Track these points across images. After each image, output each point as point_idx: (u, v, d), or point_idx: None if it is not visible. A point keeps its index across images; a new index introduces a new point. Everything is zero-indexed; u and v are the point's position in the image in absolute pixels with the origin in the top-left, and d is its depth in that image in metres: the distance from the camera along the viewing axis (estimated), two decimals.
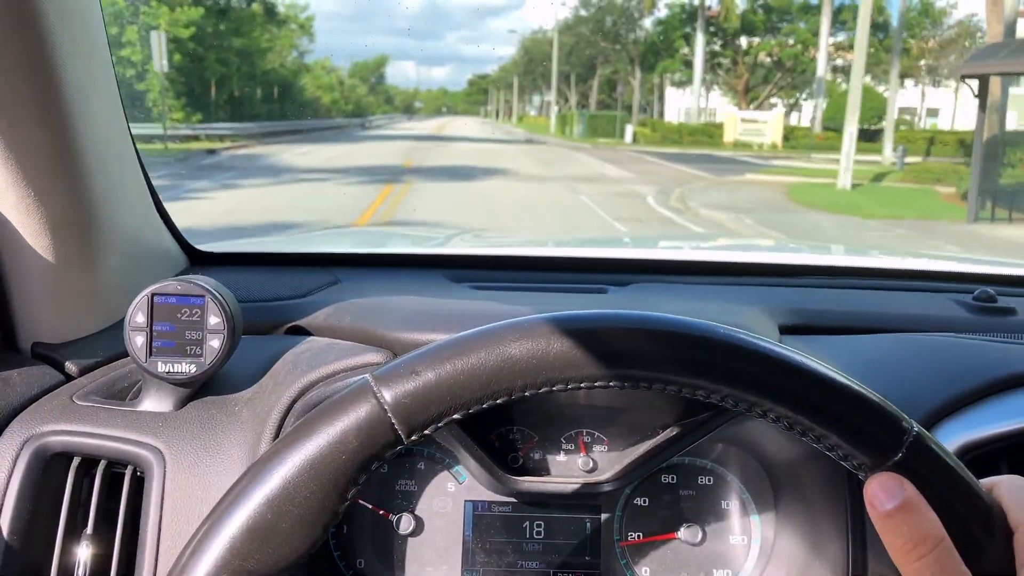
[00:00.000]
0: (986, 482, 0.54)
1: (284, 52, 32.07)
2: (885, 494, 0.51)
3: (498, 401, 0.52)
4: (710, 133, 30.80)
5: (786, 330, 1.03)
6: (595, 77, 45.39)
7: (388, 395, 0.51)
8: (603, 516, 0.90)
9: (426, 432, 0.52)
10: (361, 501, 0.90)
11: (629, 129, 32.11)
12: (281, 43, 31.42)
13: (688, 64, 37.30)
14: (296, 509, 0.50)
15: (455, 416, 0.52)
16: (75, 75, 0.80)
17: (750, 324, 0.98)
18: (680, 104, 44.54)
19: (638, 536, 0.90)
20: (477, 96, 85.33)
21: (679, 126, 32.98)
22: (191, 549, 0.50)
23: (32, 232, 0.85)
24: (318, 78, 38.20)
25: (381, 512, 0.90)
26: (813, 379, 0.52)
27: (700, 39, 34.06)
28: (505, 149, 24.50)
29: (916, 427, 0.52)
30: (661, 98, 44.87)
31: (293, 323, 1.03)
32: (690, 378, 0.52)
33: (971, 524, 0.51)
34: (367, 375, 0.53)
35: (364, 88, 56.43)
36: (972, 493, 0.52)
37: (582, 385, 0.52)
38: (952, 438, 0.81)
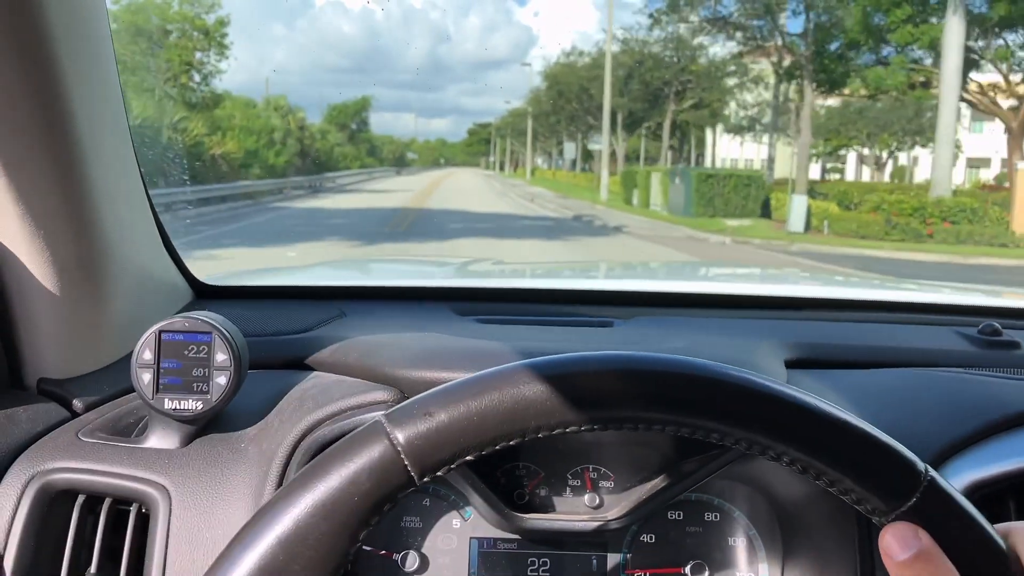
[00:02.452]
0: (1001, 528, 0.54)
1: (172, 68, 20.96)
2: (900, 544, 0.51)
3: (511, 443, 0.52)
4: (996, 216, 14.29)
5: (792, 364, 1.03)
6: (666, 115, 28.46)
7: (401, 436, 0.51)
8: (610, 554, 0.90)
9: (439, 474, 0.52)
10: (366, 547, 0.89)
11: (800, 204, 15.51)
12: (169, 54, 20.87)
13: (918, 84, 19.72)
14: (308, 551, 0.50)
15: (468, 457, 0.52)
16: (84, 111, 0.81)
17: (756, 359, 0.98)
18: (730, 156, 32.72)
19: (645, 574, 0.89)
20: (478, 147, 79.83)
21: (911, 196, 15.53)
22: None
23: (39, 268, 0.86)
24: (257, 118, 25.50)
25: (385, 553, 0.89)
26: (828, 423, 0.52)
27: (955, 26, 15.87)
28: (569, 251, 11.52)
29: (930, 471, 0.52)
30: (700, 147, 30.82)
31: (299, 358, 1.02)
32: (705, 422, 0.53)
33: (986, 571, 0.51)
34: (380, 416, 0.53)
35: (340, 135, 44.44)
36: (987, 539, 0.52)
37: (595, 427, 0.52)
38: (960, 476, 0.81)
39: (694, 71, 26.73)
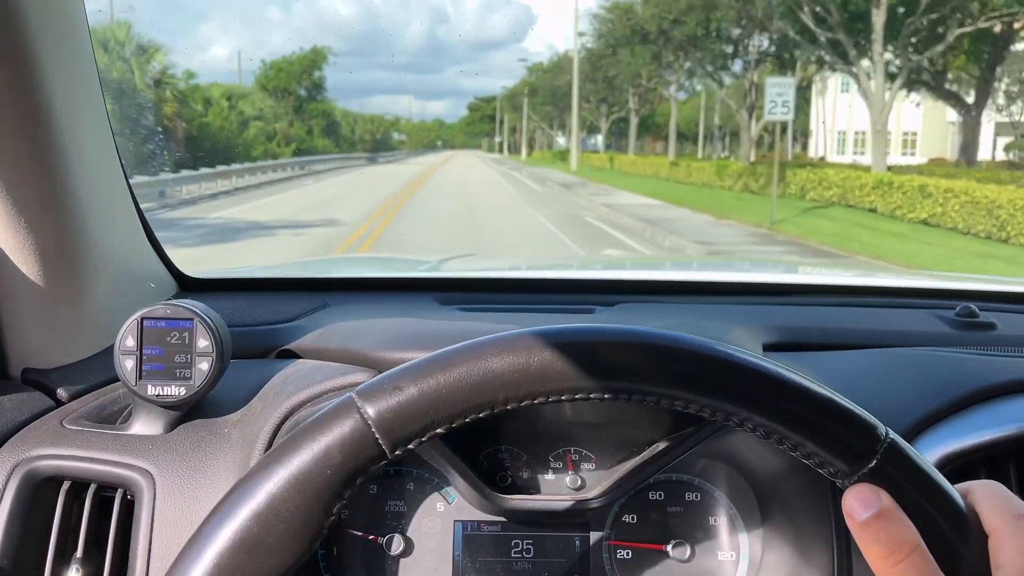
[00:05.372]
0: (961, 487, 0.55)
1: None
2: (861, 505, 0.52)
3: (481, 415, 0.53)
4: None
5: (770, 348, 1.05)
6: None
7: (371, 410, 0.52)
8: (592, 534, 0.91)
9: (410, 446, 0.52)
10: (351, 530, 0.90)
11: None
12: None
13: None
14: (282, 523, 0.51)
15: (439, 430, 0.53)
16: (64, 102, 0.81)
17: (734, 342, 0.99)
18: (852, 125, 19.03)
19: (627, 554, 0.91)
20: (479, 125, 72.24)
21: None
22: (179, 565, 0.51)
23: (22, 259, 0.86)
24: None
25: (371, 537, 0.90)
26: (788, 388, 0.54)
27: None
28: None
29: (891, 434, 0.53)
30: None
31: (282, 347, 1.03)
32: (667, 389, 0.54)
33: (946, 529, 0.52)
34: (350, 392, 0.54)
35: (277, 106, 30.07)
36: (947, 498, 0.53)
37: (563, 398, 0.53)
38: (933, 449, 0.82)
39: None
